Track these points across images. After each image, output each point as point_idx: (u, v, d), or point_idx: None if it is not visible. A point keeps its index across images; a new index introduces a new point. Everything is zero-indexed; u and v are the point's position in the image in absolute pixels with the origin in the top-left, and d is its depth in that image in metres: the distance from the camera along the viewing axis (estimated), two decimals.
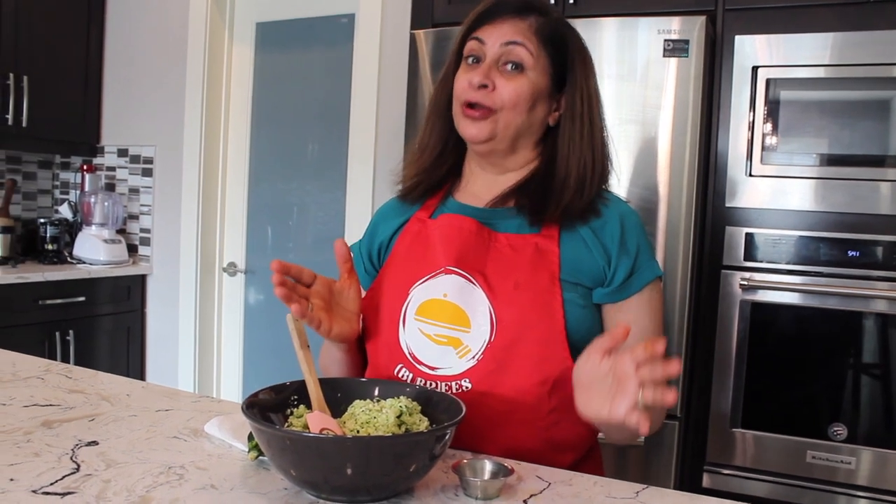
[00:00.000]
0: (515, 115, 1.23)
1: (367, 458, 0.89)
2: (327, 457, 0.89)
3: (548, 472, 1.07)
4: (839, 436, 2.08)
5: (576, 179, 1.24)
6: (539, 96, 1.25)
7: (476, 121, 1.24)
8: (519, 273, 1.20)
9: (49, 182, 4.15)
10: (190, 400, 1.38)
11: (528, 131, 1.27)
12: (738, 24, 2.19)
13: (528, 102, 1.24)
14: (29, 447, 1.07)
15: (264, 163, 3.69)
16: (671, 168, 2.15)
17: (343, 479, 0.90)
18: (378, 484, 0.92)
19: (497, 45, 1.23)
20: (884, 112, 2.05)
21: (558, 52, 1.26)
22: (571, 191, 1.23)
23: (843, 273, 2.08)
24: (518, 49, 1.23)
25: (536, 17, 1.25)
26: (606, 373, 0.99)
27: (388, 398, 1.06)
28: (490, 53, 1.24)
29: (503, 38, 1.23)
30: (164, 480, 0.97)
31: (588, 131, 1.25)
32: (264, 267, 3.69)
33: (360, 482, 0.91)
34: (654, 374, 0.93)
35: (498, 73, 1.23)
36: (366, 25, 3.22)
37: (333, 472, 0.90)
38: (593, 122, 1.26)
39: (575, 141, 1.25)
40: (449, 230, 1.25)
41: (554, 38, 1.26)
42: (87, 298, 3.53)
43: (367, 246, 1.40)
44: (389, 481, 0.93)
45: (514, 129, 1.25)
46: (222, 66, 3.70)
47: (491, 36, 1.24)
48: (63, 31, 3.71)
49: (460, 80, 1.26)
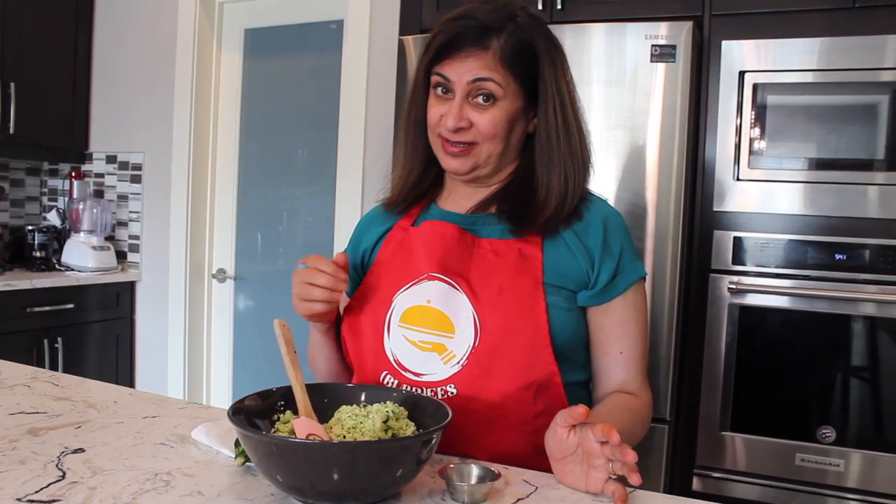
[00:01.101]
0: (495, 144, 1.23)
1: (354, 463, 0.89)
2: (314, 462, 0.89)
3: (535, 476, 1.07)
4: (828, 438, 2.09)
5: (558, 195, 1.24)
6: (515, 119, 1.24)
7: (457, 156, 1.24)
8: (502, 278, 1.20)
9: (37, 189, 4.14)
10: (177, 406, 1.38)
11: (507, 151, 1.27)
12: (725, 29, 2.20)
13: (505, 129, 1.23)
14: (14, 455, 1.06)
15: (253, 169, 3.68)
16: (659, 172, 2.15)
17: (330, 485, 0.89)
18: (365, 489, 0.92)
19: (463, 81, 1.20)
20: (871, 116, 2.07)
21: (526, 66, 1.22)
22: (553, 206, 1.23)
23: (831, 276, 2.09)
24: (486, 84, 1.20)
25: (497, 38, 1.20)
26: (575, 447, 1.02)
27: (374, 403, 1.06)
28: (458, 90, 1.21)
29: (469, 74, 1.20)
30: (151, 487, 0.97)
31: (565, 141, 1.24)
32: (253, 273, 3.69)
33: (347, 487, 0.91)
34: (615, 456, 0.98)
35: (470, 108, 1.21)
36: (354, 31, 3.22)
37: (320, 477, 0.89)
38: (569, 129, 1.25)
39: (553, 154, 1.24)
40: (431, 237, 1.25)
41: (521, 55, 1.22)
42: (75, 306, 3.51)
43: (352, 253, 1.41)
44: (376, 486, 0.93)
45: (496, 156, 1.25)
46: (211, 73, 3.69)
47: (455, 72, 1.21)
48: (51, 37, 3.70)
49: (433, 112, 1.25)
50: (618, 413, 1.20)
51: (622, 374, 1.26)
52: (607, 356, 1.26)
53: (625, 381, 1.26)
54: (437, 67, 1.23)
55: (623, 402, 1.24)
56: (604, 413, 1.19)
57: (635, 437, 1.22)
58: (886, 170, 2.03)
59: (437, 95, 1.25)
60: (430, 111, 1.26)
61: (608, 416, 1.17)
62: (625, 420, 1.18)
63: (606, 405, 1.23)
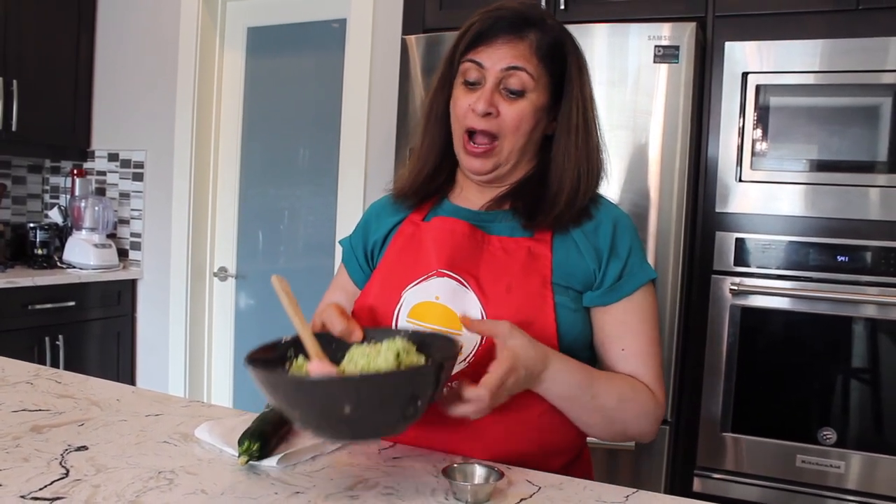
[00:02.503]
0: (518, 138, 1.23)
1: (374, 395, 0.92)
2: (333, 397, 0.92)
3: (538, 477, 1.08)
4: (828, 440, 2.09)
5: (569, 192, 1.23)
6: (540, 115, 1.24)
7: (478, 156, 1.24)
8: (511, 276, 1.20)
9: (39, 186, 4.14)
10: (180, 405, 1.38)
11: (527, 148, 1.27)
12: (728, 30, 2.20)
13: (531, 124, 1.23)
14: (18, 452, 1.06)
15: (255, 167, 3.68)
16: (662, 173, 2.15)
17: (349, 418, 0.92)
18: (384, 421, 0.96)
19: (497, 69, 1.20)
20: (873, 118, 2.07)
21: (557, 65, 1.24)
22: (564, 202, 1.23)
23: (833, 278, 2.09)
24: (519, 73, 1.20)
25: (534, 32, 1.22)
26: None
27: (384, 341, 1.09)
28: (490, 77, 1.21)
29: (503, 62, 1.20)
30: (154, 485, 0.97)
31: (583, 141, 1.25)
32: (255, 272, 3.69)
33: (368, 420, 0.94)
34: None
35: (500, 98, 1.21)
36: (357, 30, 3.22)
37: (336, 412, 0.92)
38: (589, 130, 1.25)
39: (570, 153, 1.24)
40: (441, 233, 1.26)
41: (553, 53, 1.23)
42: (76, 303, 3.52)
43: (360, 241, 1.40)
44: (394, 418, 0.96)
45: (517, 152, 1.25)
46: (213, 71, 3.69)
47: (489, 59, 1.21)
48: (53, 35, 3.70)
49: (461, 103, 1.24)
50: (611, 376, 1.20)
51: (627, 370, 1.23)
52: (609, 354, 1.24)
53: (632, 374, 1.23)
54: (470, 55, 1.23)
55: (623, 375, 1.22)
56: (600, 373, 1.19)
57: (628, 413, 1.19)
58: (888, 172, 2.03)
59: (466, 87, 1.24)
60: (456, 103, 1.25)
61: (591, 368, 1.18)
62: (619, 387, 1.18)
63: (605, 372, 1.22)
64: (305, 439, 1.17)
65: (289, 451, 1.11)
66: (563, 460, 1.23)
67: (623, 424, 1.20)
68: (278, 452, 1.09)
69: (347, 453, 1.15)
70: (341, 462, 1.11)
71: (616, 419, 1.19)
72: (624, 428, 1.20)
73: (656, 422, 1.23)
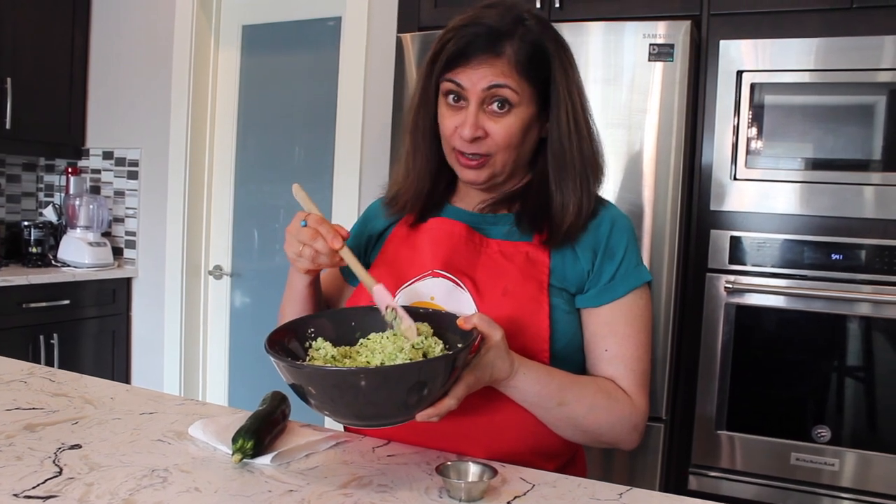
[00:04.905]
0: (510, 152, 1.21)
1: (390, 384, 0.94)
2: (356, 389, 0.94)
3: (532, 474, 1.08)
4: (823, 438, 2.09)
5: (575, 204, 1.22)
6: (529, 125, 1.21)
7: (473, 168, 1.22)
8: (508, 280, 1.20)
9: (33, 185, 4.13)
10: (174, 403, 1.38)
11: (522, 157, 1.25)
12: (723, 28, 2.21)
13: (520, 138, 1.21)
14: (11, 451, 1.06)
15: (250, 165, 3.68)
16: (657, 172, 2.15)
17: (365, 404, 0.95)
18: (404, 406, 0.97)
19: (478, 89, 1.17)
20: (867, 117, 2.07)
21: (540, 71, 1.20)
22: (572, 215, 1.22)
23: (827, 276, 2.09)
24: (501, 91, 1.16)
25: (511, 44, 1.17)
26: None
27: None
28: (472, 98, 1.17)
29: (483, 82, 1.16)
30: (148, 483, 0.97)
31: (577, 145, 1.22)
32: (250, 270, 3.69)
33: (388, 405, 0.96)
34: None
35: (486, 117, 1.18)
36: (352, 28, 3.22)
37: (351, 399, 0.95)
38: (581, 133, 1.23)
39: (566, 160, 1.22)
40: (439, 233, 1.25)
41: (533, 59, 1.18)
42: (71, 302, 3.51)
43: (358, 231, 1.41)
44: (413, 404, 0.97)
45: (511, 163, 1.23)
46: (208, 69, 3.69)
47: (468, 80, 1.17)
48: (47, 33, 3.69)
49: (447, 123, 1.21)
50: (586, 383, 1.18)
51: (608, 372, 1.21)
52: (592, 354, 1.23)
53: (612, 378, 1.21)
54: (448, 75, 1.19)
55: (601, 381, 1.19)
56: (575, 381, 1.17)
57: (601, 420, 1.17)
58: (883, 170, 2.04)
59: (450, 104, 1.21)
60: (443, 122, 1.23)
61: (566, 376, 1.16)
62: (591, 394, 1.16)
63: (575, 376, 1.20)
64: (299, 437, 1.16)
65: (283, 449, 1.11)
66: (557, 464, 1.23)
67: (596, 432, 1.18)
68: (272, 450, 1.09)
69: (341, 451, 1.15)
70: (335, 460, 1.11)
71: (587, 427, 1.17)
72: (598, 434, 1.19)
73: (634, 429, 1.20)
